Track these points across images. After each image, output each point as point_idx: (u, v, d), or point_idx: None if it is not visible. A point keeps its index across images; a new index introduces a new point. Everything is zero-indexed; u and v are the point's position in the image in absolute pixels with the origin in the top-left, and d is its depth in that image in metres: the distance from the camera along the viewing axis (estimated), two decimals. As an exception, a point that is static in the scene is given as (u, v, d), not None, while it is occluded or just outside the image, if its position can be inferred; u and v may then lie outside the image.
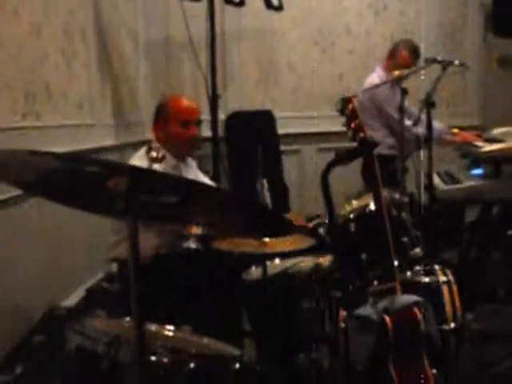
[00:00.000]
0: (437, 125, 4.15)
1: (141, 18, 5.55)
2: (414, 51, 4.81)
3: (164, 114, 3.12)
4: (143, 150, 2.86)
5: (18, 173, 1.55)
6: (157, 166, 2.50)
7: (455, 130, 4.57)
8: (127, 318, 1.99)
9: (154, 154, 2.33)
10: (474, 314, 3.30)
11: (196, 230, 1.84)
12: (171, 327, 2.06)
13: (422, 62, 4.62)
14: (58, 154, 1.47)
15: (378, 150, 2.55)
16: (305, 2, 6.07)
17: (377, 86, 4.38)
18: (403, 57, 4.77)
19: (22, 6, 3.25)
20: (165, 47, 5.75)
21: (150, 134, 3.26)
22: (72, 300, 3.80)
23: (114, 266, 3.53)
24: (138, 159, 2.87)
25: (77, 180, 1.46)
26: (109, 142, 4.54)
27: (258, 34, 5.95)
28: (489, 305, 3.82)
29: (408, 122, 3.88)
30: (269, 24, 5.92)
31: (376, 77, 4.79)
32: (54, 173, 1.45)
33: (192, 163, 3.33)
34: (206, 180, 3.44)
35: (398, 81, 4.13)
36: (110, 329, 1.94)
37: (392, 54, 4.86)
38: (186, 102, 3.16)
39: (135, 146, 3.84)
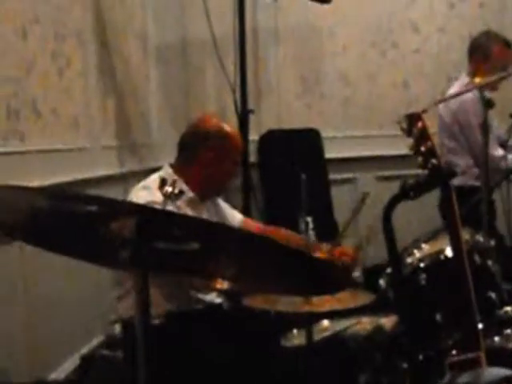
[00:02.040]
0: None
1: (151, 16, 5.62)
2: (508, 43, 4.73)
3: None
4: (152, 182, 2.88)
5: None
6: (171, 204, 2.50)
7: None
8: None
9: (169, 188, 2.33)
10: None
11: (222, 285, 1.83)
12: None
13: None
14: (46, 190, 1.47)
15: (461, 181, 2.51)
16: (358, -8, 6.12)
17: (456, 96, 4.29)
18: (500, 54, 4.65)
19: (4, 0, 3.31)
20: (181, 52, 5.82)
21: (162, 162, 3.26)
22: (63, 371, 3.80)
23: (117, 328, 3.53)
24: (147, 194, 2.86)
25: (70, 222, 1.46)
26: (111, 170, 4.58)
27: (300, 33, 6.00)
28: None
29: (498, 152, 3.83)
30: (313, 20, 5.97)
31: (462, 87, 4.70)
32: (41, 213, 1.45)
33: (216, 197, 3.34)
34: (237, 216, 3.43)
35: (481, 91, 4.09)
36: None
37: (485, 57, 4.71)
38: (238, 135, 3.31)
39: (144, 175, 3.86)
